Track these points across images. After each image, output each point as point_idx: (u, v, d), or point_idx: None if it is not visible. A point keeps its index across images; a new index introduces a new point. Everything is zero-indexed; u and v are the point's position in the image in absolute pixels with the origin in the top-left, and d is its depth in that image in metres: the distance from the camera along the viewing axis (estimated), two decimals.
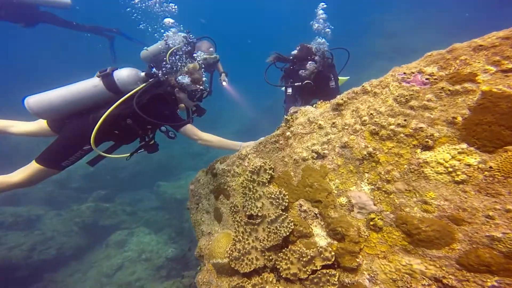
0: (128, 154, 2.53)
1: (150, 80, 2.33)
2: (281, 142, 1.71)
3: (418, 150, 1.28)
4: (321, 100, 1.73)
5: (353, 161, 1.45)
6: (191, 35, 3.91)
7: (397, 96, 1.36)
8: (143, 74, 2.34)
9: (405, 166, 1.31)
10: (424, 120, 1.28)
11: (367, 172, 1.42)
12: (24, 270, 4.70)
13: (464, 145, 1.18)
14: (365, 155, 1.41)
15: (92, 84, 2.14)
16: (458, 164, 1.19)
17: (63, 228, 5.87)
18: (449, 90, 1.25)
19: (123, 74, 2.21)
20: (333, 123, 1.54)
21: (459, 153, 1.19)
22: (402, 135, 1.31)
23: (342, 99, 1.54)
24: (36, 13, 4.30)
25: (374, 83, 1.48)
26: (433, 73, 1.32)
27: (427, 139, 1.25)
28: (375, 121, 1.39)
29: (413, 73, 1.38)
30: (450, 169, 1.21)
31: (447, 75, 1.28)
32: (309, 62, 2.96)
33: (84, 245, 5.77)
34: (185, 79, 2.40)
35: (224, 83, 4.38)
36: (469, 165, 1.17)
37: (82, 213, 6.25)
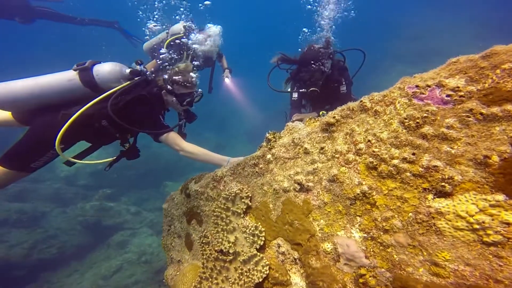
0: (105, 160, 2.32)
1: (135, 79, 2.06)
2: (261, 166, 1.42)
3: (430, 196, 0.94)
4: (312, 118, 1.41)
5: (343, 200, 1.13)
6: (193, 25, 3.63)
7: (405, 119, 1.02)
8: (128, 71, 2.06)
9: (410, 214, 0.98)
10: (441, 155, 0.93)
11: (359, 216, 1.09)
12: (22, 269, 4.77)
13: (501, 196, 0.82)
14: (358, 194, 1.08)
15: (66, 77, 1.89)
16: (489, 220, 0.84)
17: (67, 226, 5.96)
18: (481, 113, 0.89)
19: (104, 69, 1.95)
20: (322, 148, 1.23)
21: (492, 206, 0.83)
22: (408, 173, 0.97)
23: (334, 117, 1.22)
24: (28, 8, 4.16)
25: (375, 97, 1.15)
26: (458, 87, 0.96)
27: (443, 183, 0.90)
28: (374, 151, 1.06)
29: (429, 86, 1.03)
30: (477, 226, 0.86)
31: (479, 91, 0.93)
32: (312, 66, 2.60)
33: (86, 244, 5.81)
34: (174, 80, 2.11)
35: (226, 80, 4.06)
36: (508, 224, 0.82)
37: (86, 212, 6.31)
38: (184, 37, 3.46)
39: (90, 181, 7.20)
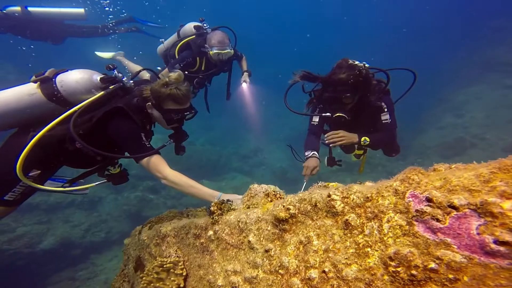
0: (90, 185, 1.87)
1: (110, 87, 1.66)
2: (202, 240, 1.10)
3: None
4: (272, 193, 0.99)
5: None
6: (205, 24, 3.14)
7: (391, 258, 0.54)
8: (99, 78, 1.69)
9: None
10: None
11: None
12: (78, 248, 5.65)
13: None
14: None
15: (26, 91, 1.57)
16: None
17: (116, 212, 6.78)
18: None
19: (69, 79, 1.62)
20: (267, 251, 0.82)
21: None
22: None
23: (288, 209, 0.79)
24: (62, 28, 4.43)
25: (352, 197, 0.67)
26: None
27: None
28: None
29: (454, 207, 0.52)
30: None
31: None
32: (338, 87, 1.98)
33: (127, 232, 6.51)
34: (160, 93, 1.67)
35: (244, 84, 3.40)
36: None
37: (130, 201, 7.06)
38: (196, 38, 3.16)
39: (140, 172, 7.97)
